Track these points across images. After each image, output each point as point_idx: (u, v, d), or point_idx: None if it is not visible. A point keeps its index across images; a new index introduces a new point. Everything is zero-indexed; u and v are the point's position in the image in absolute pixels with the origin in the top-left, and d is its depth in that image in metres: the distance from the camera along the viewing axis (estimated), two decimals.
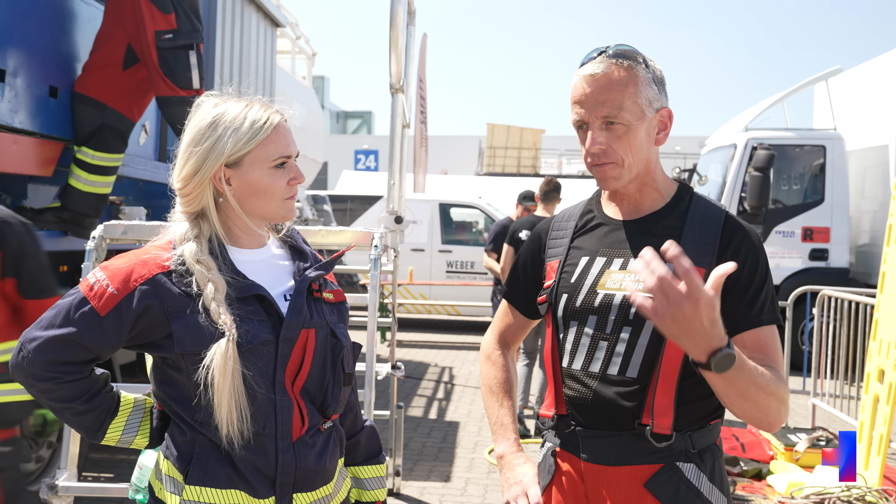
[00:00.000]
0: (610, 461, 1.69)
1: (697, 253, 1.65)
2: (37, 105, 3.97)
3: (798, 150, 9.64)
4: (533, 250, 1.93)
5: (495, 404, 1.93)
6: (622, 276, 1.70)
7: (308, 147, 11.18)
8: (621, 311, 1.68)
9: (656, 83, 1.71)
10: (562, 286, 1.79)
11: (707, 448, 1.69)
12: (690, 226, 1.71)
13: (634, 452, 1.67)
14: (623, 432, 1.68)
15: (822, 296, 6.62)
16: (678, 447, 1.66)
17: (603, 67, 1.67)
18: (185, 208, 1.66)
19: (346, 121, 50.71)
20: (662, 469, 1.65)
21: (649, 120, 1.70)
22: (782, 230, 9.29)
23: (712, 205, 1.76)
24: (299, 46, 11.37)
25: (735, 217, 1.73)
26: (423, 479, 5.18)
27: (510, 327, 2.01)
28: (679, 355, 1.62)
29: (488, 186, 18.34)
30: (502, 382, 1.95)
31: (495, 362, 1.99)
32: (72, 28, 4.29)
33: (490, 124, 30.14)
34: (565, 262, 1.81)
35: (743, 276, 1.65)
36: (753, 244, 1.69)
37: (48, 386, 1.59)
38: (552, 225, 1.91)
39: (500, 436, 1.89)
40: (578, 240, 1.83)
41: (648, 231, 1.73)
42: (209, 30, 5.94)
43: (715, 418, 1.72)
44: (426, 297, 11.61)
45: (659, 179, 1.78)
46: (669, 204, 1.76)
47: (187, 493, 1.58)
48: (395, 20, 3.44)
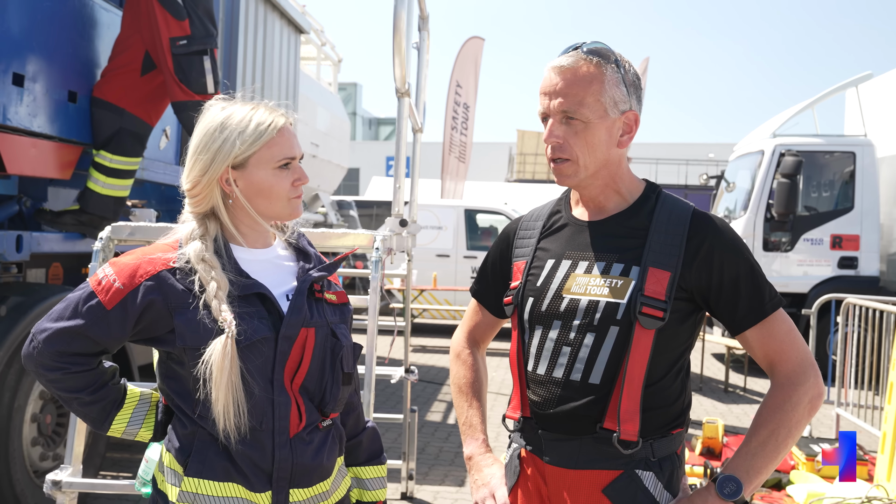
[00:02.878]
0: (571, 464, 1.68)
1: (662, 255, 1.64)
2: (56, 109, 4.04)
3: (827, 157, 9.48)
4: (501, 249, 1.91)
5: (464, 404, 1.92)
6: (587, 280, 1.68)
7: (333, 153, 11.26)
8: (586, 315, 1.67)
9: (626, 85, 1.67)
10: (528, 289, 1.77)
11: (667, 457, 1.68)
12: (656, 226, 1.68)
13: (595, 457, 1.66)
14: (585, 436, 1.67)
15: (846, 304, 6.51)
16: (639, 455, 1.65)
17: (571, 61, 1.66)
18: (193, 209, 1.71)
19: (379, 127, 50.93)
20: (621, 476, 1.65)
21: (612, 120, 1.67)
22: (811, 238, 9.13)
23: (679, 203, 1.73)
24: (325, 53, 11.47)
25: (703, 214, 1.70)
26: (437, 484, 5.18)
27: (479, 326, 2.00)
28: (644, 361, 1.61)
29: (516, 193, 18.31)
30: (471, 382, 1.94)
31: (464, 361, 1.98)
32: (91, 34, 4.37)
33: (520, 131, 30.11)
34: (531, 264, 1.79)
35: (724, 281, 1.63)
36: (723, 242, 1.66)
37: (56, 376, 1.65)
38: (520, 224, 1.90)
39: (469, 436, 1.88)
40: (545, 241, 1.81)
41: (614, 233, 1.71)
42: (232, 36, 6.02)
43: (676, 427, 1.71)
44: (451, 303, 11.61)
45: (623, 181, 1.75)
46: (634, 205, 1.73)
47: (186, 484, 1.61)
48: (398, 24, 3.48)
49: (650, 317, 1.61)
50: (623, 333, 1.63)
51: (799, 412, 1.61)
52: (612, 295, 1.64)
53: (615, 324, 1.63)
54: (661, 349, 1.64)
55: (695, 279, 1.64)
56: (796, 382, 1.62)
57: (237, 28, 6.01)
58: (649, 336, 1.61)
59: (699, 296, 1.66)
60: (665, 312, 1.61)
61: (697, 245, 1.65)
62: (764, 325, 1.64)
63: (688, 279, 1.64)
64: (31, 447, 3.90)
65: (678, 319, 1.65)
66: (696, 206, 1.73)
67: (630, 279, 1.64)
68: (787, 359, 1.64)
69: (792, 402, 1.61)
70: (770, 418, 1.62)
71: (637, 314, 1.61)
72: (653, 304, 1.61)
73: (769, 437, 1.60)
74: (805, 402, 1.61)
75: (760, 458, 1.60)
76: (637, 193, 1.75)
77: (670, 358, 1.68)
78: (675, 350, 1.68)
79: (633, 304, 1.61)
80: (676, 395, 1.70)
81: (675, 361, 1.69)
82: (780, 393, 1.63)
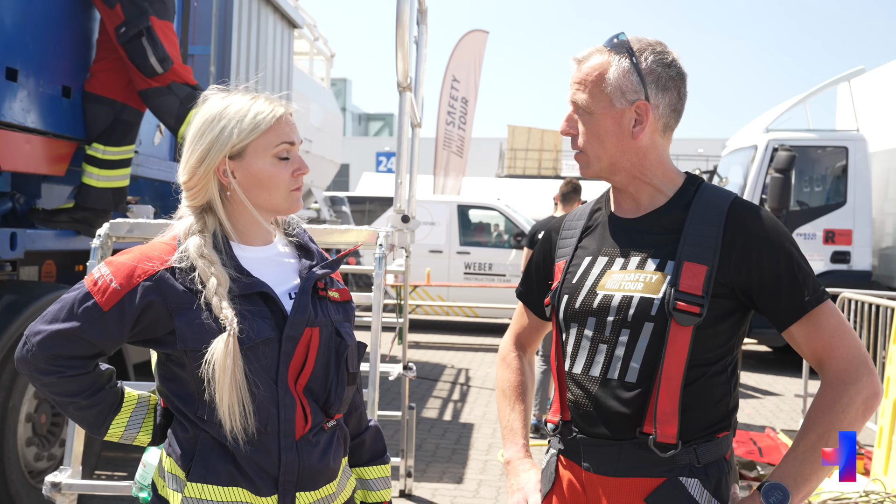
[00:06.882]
0: (611, 472, 1.61)
1: (699, 248, 1.57)
2: (50, 105, 3.99)
3: (820, 152, 9.52)
4: (545, 250, 1.87)
5: (507, 408, 1.88)
6: (622, 277, 1.63)
7: (326, 148, 11.20)
8: (619, 312, 1.61)
9: (640, 75, 1.62)
10: (564, 287, 1.73)
11: (713, 463, 1.59)
12: (692, 218, 1.61)
13: (636, 463, 1.59)
14: (624, 441, 1.60)
15: (842, 298, 6.52)
16: (682, 461, 1.57)
17: (585, 53, 1.67)
18: (190, 202, 1.66)
19: (369, 123, 50.84)
20: (664, 483, 1.57)
21: (620, 111, 1.62)
22: (804, 232, 9.15)
23: (719, 193, 1.65)
24: (318, 48, 11.40)
25: (742, 203, 1.62)
26: (435, 481, 5.16)
27: (525, 329, 1.96)
28: (682, 360, 1.54)
29: (508, 188, 18.30)
30: (515, 386, 1.90)
31: (510, 365, 1.94)
32: (84, 28, 4.31)
33: (511, 126, 30.06)
34: (570, 263, 1.75)
35: (764, 276, 1.56)
36: (763, 232, 1.58)
37: (51, 380, 1.59)
38: (563, 224, 1.85)
39: (509, 440, 1.84)
40: (585, 239, 1.76)
41: (650, 228, 1.66)
42: (225, 31, 5.96)
43: (722, 430, 1.62)
44: (444, 299, 11.59)
45: (655, 174, 1.68)
46: (672, 199, 1.67)
47: (189, 490, 1.57)
48: (401, 17, 3.43)
49: (686, 313, 1.54)
50: (658, 330, 1.56)
51: (851, 413, 1.50)
52: (646, 290, 1.58)
53: (649, 320, 1.57)
54: (702, 347, 1.57)
55: (734, 274, 1.56)
56: (847, 381, 1.52)
57: (231, 22, 5.96)
58: (687, 333, 1.54)
59: (741, 291, 1.58)
60: (702, 308, 1.54)
61: (734, 237, 1.57)
62: (809, 320, 1.55)
63: (726, 274, 1.56)
64: (26, 447, 3.85)
65: (719, 316, 1.57)
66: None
67: (665, 274, 1.58)
68: (837, 355, 1.55)
69: (843, 403, 1.51)
70: (820, 421, 1.53)
71: (672, 310, 1.54)
72: (688, 300, 1.54)
73: (818, 440, 1.51)
74: (858, 403, 1.51)
75: (809, 464, 1.51)
76: (675, 187, 1.68)
77: (713, 357, 1.60)
78: (718, 349, 1.60)
79: (668, 300, 1.55)
80: (721, 396, 1.61)
81: (718, 360, 1.61)
82: (830, 393, 1.53)
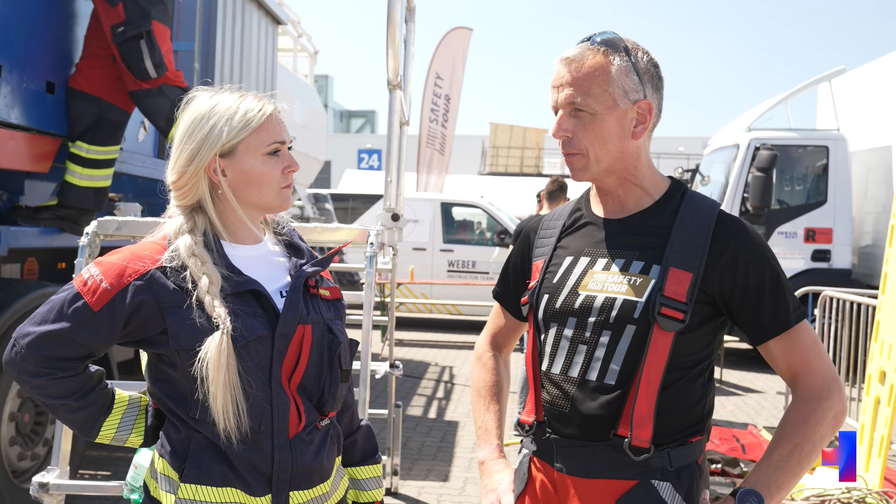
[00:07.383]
0: (583, 473, 1.62)
1: (685, 255, 1.58)
2: (33, 100, 3.95)
3: (801, 151, 9.61)
4: (522, 251, 1.87)
5: (482, 408, 1.88)
6: (605, 277, 1.63)
7: (310, 145, 11.16)
8: (601, 313, 1.61)
9: (639, 74, 1.62)
10: (544, 287, 1.72)
11: (686, 467, 1.61)
12: (680, 226, 1.62)
13: (609, 465, 1.60)
14: (598, 442, 1.61)
15: (823, 296, 6.59)
16: (655, 464, 1.58)
17: (578, 53, 1.62)
18: (179, 202, 1.65)
19: (350, 120, 50.71)
20: (637, 486, 1.58)
21: (623, 111, 1.61)
22: (785, 231, 9.24)
23: (705, 202, 1.67)
24: (301, 44, 11.36)
25: (729, 216, 1.64)
26: (421, 479, 5.16)
27: (501, 329, 1.95)
28: (661, 364, 1.56)
29: (491, 186, 18.31)
30: (490, 386, 1.90)
31: (485, 365, 1.94)
32: (69, 23, 4.27)
33: (493, 124, 30.11)
34: (549, 263, 1.75)
35: (748, 288, 1.58)
36: (749, 246, 1.60)
37: (41, 382, 1.57)
38: (541, 224, 1.85)
39: (483, 441, 1.84)
40: (565, 239, 1.76)
41: (635, 231, 1.66)
42: (210, 27, 5.91)
43: (696, 434, 1.64)
44: (427, 297, 11.59)
45: (644, 176, 1.68)
46: (658, 202, 1.67)
47: (182, 491, 1.56)
48: (393, 16, 3.42)
49: (670, 318, 1.55)
50: (640, 334, 1.57)
51: (823, 427, 1.57)
52: (630, 293, 1.59)
53: (632, 323, 1.58)
54: (681, 352, 1.58)
55: (717, 283, 1.58)
56: (821, 396, 1.58)
57: (215, 19, 5.91)
58: (668, 338, 1.56)
59: (721, 301, 1.60)
60: (685, 315, 1.55)
61: (722, 247, 1.59)
62: (788, 336, 1.60)
63: (710, 282, 1.58)
64: (10, 447, 3.81)
65: (699, 323, 1.59)
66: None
67: (650, 278, 1.59)
68: (812, 371, 1.60)
69: (816, 417, 1.57)
70: (794, 432, 1.57)
71: (656, 315, 1.55)
72: (673, 306, 1.55)
73: (793, 451, 1.56)
74: (829, 418, 1.58)
75: (783, 472, 1.56)
76: (661, 190, 1.69)
77: (691, 361, 1.61)
78: (696, 353, 1.62)
79: (652, 305, 1.56)
80: (696, 400, 1.63)
81: (696, 364, 1.63)
82: (804, 406, 1.59)
